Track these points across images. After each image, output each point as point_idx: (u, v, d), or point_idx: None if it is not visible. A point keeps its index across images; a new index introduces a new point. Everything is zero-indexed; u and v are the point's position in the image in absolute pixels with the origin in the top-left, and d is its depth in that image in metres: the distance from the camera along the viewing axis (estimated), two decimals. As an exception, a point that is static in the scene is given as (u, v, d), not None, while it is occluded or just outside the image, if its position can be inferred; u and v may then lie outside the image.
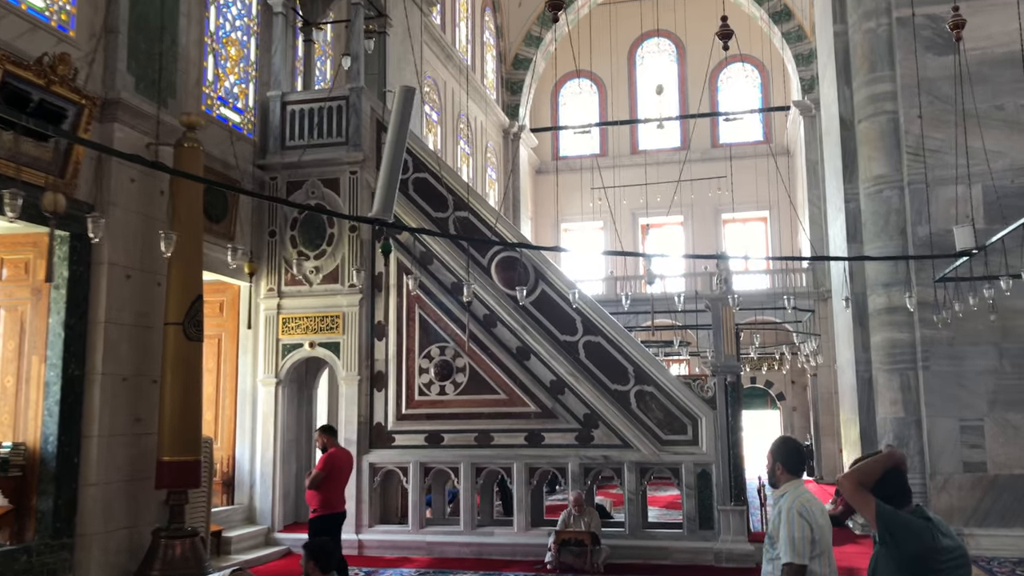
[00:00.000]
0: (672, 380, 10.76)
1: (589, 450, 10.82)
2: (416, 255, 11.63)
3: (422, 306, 11.51)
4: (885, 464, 3.34)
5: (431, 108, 20.34)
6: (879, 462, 3.37)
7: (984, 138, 12.09)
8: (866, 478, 3.29)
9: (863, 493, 3.25)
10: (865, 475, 3.30)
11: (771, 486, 4.50)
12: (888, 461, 3.36)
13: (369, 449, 11.42)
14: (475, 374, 11.26)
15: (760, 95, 29.66)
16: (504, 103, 26.80)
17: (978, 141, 11.87)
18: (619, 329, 11.04)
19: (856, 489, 3.27)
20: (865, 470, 3.34)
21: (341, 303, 11.65)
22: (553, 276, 11.25)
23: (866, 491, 3.26)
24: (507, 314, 11.24)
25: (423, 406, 11.38)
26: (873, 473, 3.31)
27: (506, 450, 11.03)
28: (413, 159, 11.81)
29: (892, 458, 3.39)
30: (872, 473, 3.31)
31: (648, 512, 11.72)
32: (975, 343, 12.06)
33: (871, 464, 3.37)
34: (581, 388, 10.92)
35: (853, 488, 3.28)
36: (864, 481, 3.28)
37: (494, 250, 11.32)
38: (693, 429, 10.62)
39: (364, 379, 11.52)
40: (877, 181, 13.06)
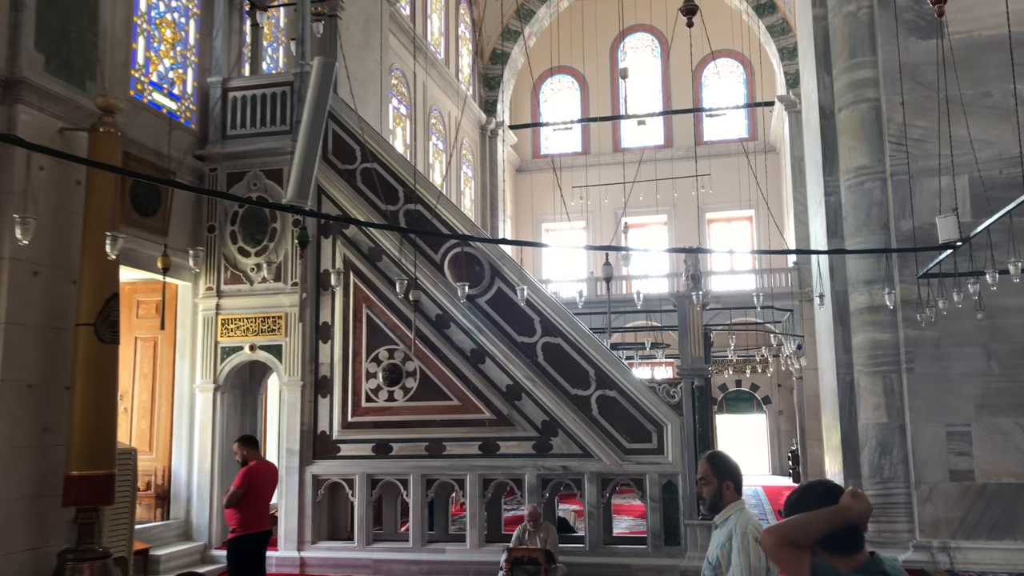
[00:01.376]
0: (636, 384, 10.00)
1: (547, 460, 10.06)
2: (364, 251, 10.85)
3: (370, 306, 10.74)
4: (834, 521, 2.28)
5: (399, 101, 19.58)
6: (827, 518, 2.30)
7: (971, 126, 11.36)
8: (801, 537, 2.33)
9: (791, 552, 2.32)
10: (799, 533, 2.35)
11: (711, 510, 3.79)
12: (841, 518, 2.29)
13: (313, 460, 10.64)
14: (426, 379, 10.49)
15: (745, 91, 28.98)
16: (481, 99, 26.05)
17: (964, 129, 11.16)
18: (580, 330, 10.28)
19: (781, 548, 2.34)
20: (800, 527, 2.30)
21: (284, 303, 10.87)
22: (510, 273, 10.48)
23: (797, 549, 2.31)
24: (461, 314, 10.48)
25: (370, 413, 10.61)
26: (812, 532, 2.32)
27: (459, 460, 10.26)
28: (362, 149, 11.04)
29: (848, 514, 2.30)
30: (810, 532, 2.31)
31: (614, 525, 10.97)
32: (962, 343, 11.31)
33: (813, 520, 2.30)
34: (539, 393, 10.16)
35: (777, 546, 2.34)
36: (797, 540, 2.34)
37: (447, 245, 10.55)
38: (658, 437, 9.87)
39: (308, 384, 10.74)
40: (858, 172, 12.32)
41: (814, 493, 2.51)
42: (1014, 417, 10.96)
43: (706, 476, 3.72)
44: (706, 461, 3.80)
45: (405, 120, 19.84)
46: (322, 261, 10.96)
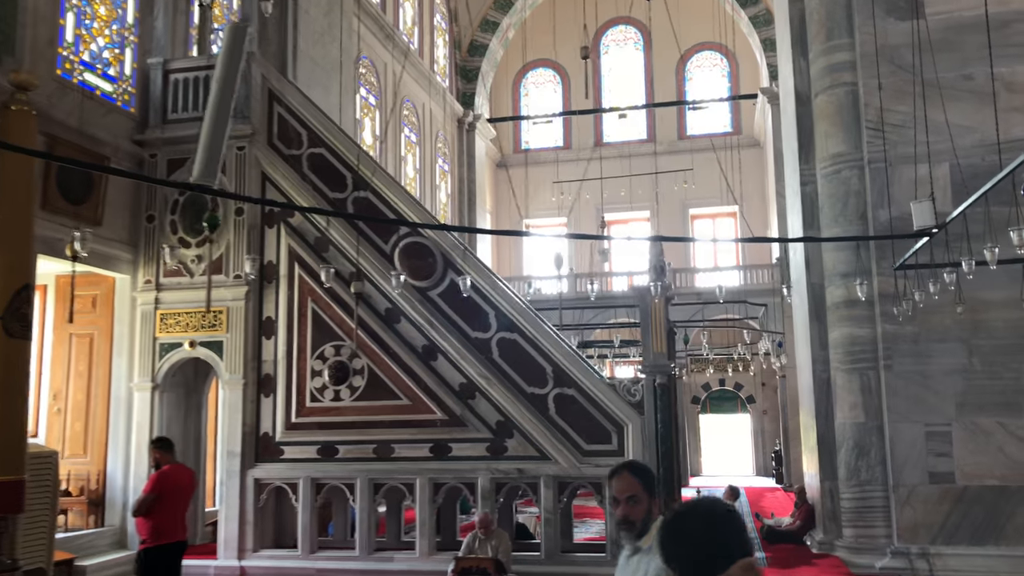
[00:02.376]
0: (595, 382, 9.42)
1: (502, 462, 9.46)
2: (310, 241, 10.25)
3: (316, 300, 10.13)
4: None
5: (367, 91, 18.96)
6: None
7: (951, 111, 10.84)
8: None
9: None
10: None
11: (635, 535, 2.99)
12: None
13: (255, 463, 10.02)
14: (375, 377, 9.89)
15: (729, 84, 28.43)
16: (458, 91, 25.44)
17: (944, 114, 10.62)
18: (538, 324, 9.69)
19: None
20: None
21: (225, 296, 10.26)
22: (464, 264, 9.89)
23: None
24: (412, 308, 9.88)
25: (316, 414, 10.00)
26: None
27: (408, 463, 9.66)
28: (308, 132, 10.44)
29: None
30: None
31: (582, 530, 10.38)
32: (942, 339, 10.76)
33: None
34: (494, 392, 9.57)
35: None
36: None
37: (398, 235, 9.95)
38: (619, 437, 9.29)
39: (250, 383, 10.13)
40: (835, 160, 11.77)
41: (694, 518, 1.95)
42: (996, 416, 10.41)
43: (636, 493, 2.93)
44: (632, 475, 2.99)
45: (375, 111, 19.22)
46: (266, 252, 10.35)
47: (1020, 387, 10.33)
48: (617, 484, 3.01)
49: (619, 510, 3.01)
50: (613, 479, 3.08)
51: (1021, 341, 10.40)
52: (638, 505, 2.96)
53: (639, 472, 3.07)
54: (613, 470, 3.07)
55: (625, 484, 2.98)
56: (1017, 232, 6.12)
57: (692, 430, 26.98)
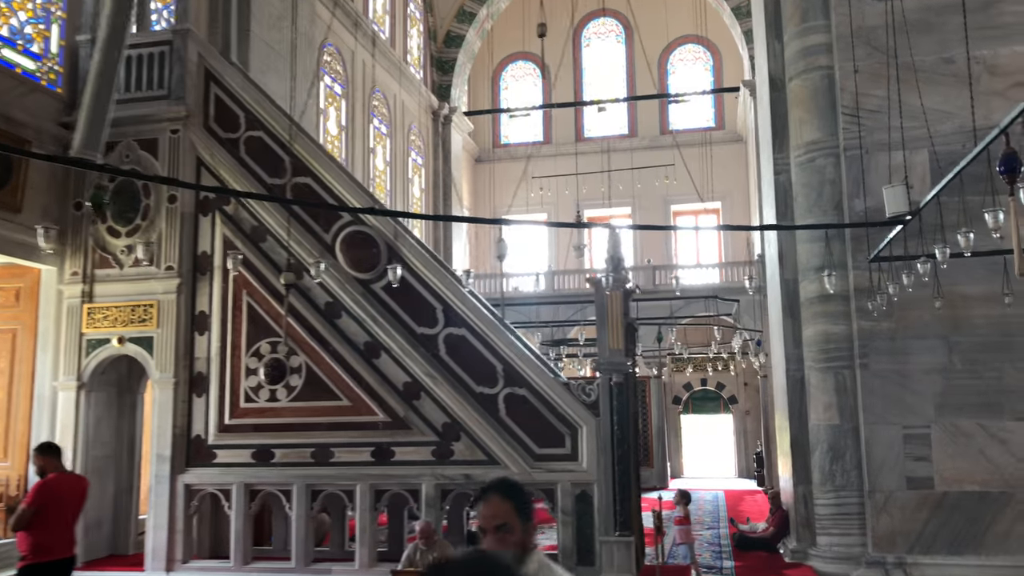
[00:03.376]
0: (548, 381, 8.78)
1: (448, 467, 8.82)
2: (247, 230, 9.59)
3: (251, 293, 9.47)
4: None
5: (333, 79, 18.28)
6: None
7: (931, 96, 10.26)
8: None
9: None
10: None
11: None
12: None
13: (186, 467, 9.36)
14: (313, 376, 9.24)
15: (712, 78, 27.84)
16: (433, 83, 24.77)
17: (924, 99, 10.02)
18: (487, 319, 9.06)
19: None
20: None
21: (156, 289, 9.59)
22: (410, 255, 9.24)
23: None
24: (354, 302, 9.23)
25: (250, 415, 9.34)
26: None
27: (348, 468, 9.01)
28: (246, 114, 9.78)
29: None
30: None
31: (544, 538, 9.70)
32: (921, 336, 10.18)
33: None
34: (440, 392, 8.93)
35: None
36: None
37: (339, 224, 9.30)
38: (572, 441, 8.66)
39: (181, 382, 9.47)
40: (809, 148, 11.18)
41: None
42: (977, 418, 9.83)
43: (508, 521, 2.32)
44: (502, 497, 2.38)
45: (340, 100, 18.55)
46: (199, 242, 9.69)
47: (1002, 387, 9.76)
48: (484, 510, 2.39)
49: (486, 542, 2.39)
50: (479, 503, 2.45)
51: (1003, 338, 9.83)
52: (509, 535, 2.36)
53: (511, 493, 2.44)
54: (480, 491, 2.45)
55: (493, 509, 2.37)
56: (992, 214, 5.52)
57: (673, 431, 26.39)
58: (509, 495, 2.43)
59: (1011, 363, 9.75)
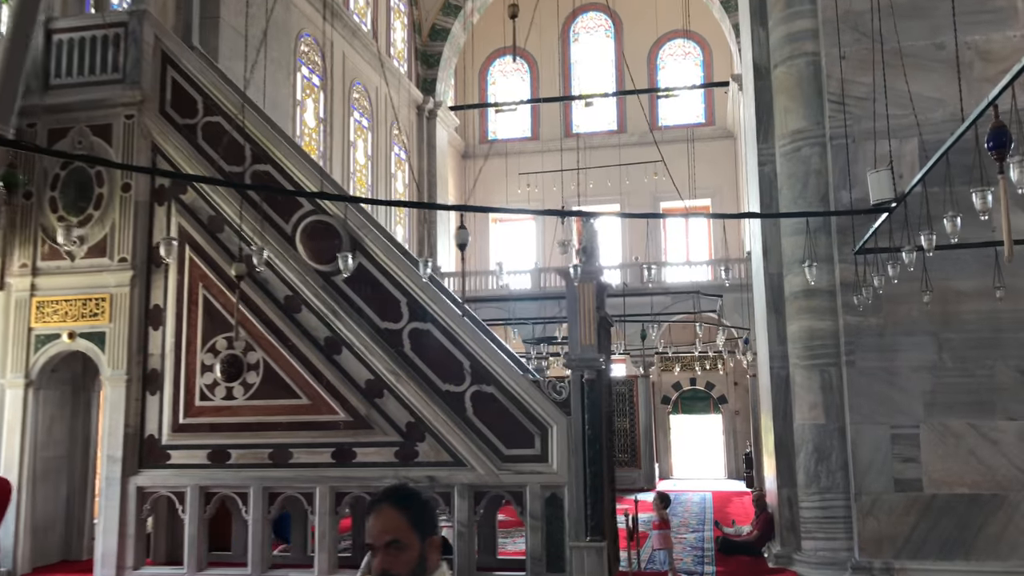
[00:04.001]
0: (517, 378, 8.35)
1: (412, 469, 8.38)
2: (203, 220, 9.14)
3: (208, 286, 9.02)
4: None
5: (311, 71, 17.83)
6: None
7: (920, 83, 9.87)
8: None
9: None
10: None
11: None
12: None
13: (138, 469, 8.91)
14: (271, 372, 8.79)
15: (703, 73, 27.44)
16: (418, 77, 24.32)
17: (914, 86, 9.63)
18: (454, 314, 8.62)
19: None
20: None
21: (108, 282, 9.14)
22: (374, 246, 8.80)
23: None
24: (314, 296, 8.79)
25: (206, 414, 8.89)
26: None
27: (307, 470, 8.57)
28: (204, 99, 9.33)
29: None
30: None
31: (503, 545, 9.32)
32: (909, 332, 9.76)
33: None
34: (404, 389, 8.49)
35: None
36: None
37: (300, 214, 8.86)
38: (542, 441, 8.23)
39: (134, 379, 9.02)
40: (795, 137, 10.77)
41: None
42: (968, 417, 9.42)
43: (401, 537, 1.93)
44: (395, 508, 1.98)
45: (319, 92, 18.09)
46: (155, 232, 9.24)
47: (994, 385, 9.35)
48: (372, 524, 1.99)
49: (377, 562, 1.98)
50: (369, 516, 2.04)
51: (995, 334, 9.43)
52: (403, 553, 1.96)
53: (406, 503, 2.03)
54: (370, 502, 2.04)
55: (383, 523, 1.97)
56: (980, 195, 5.10)
57: (662, 431, 25.98)
58: (404, 505, 2.02)
59: (1003, 360, 9.35)
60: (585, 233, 8.36)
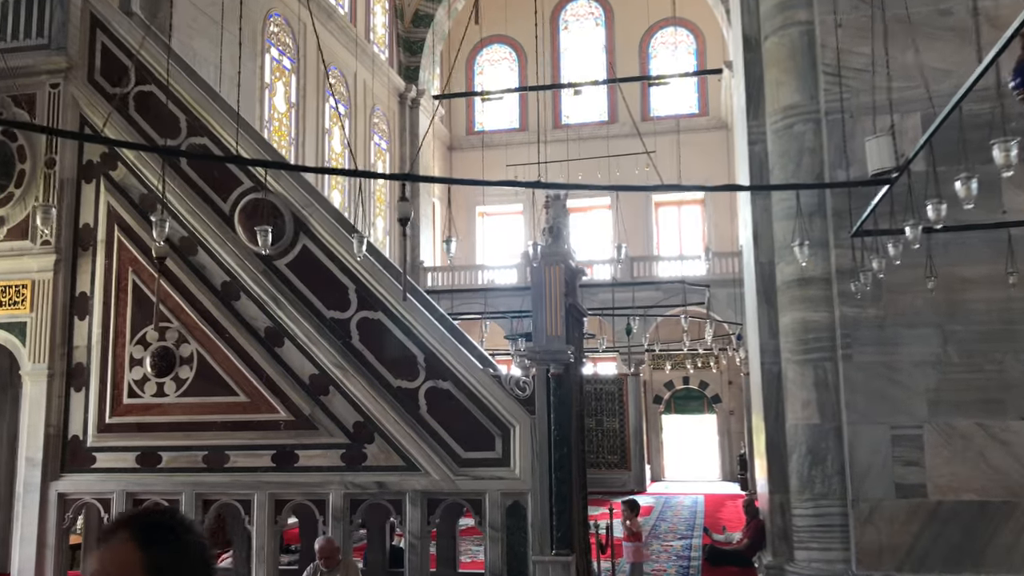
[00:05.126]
0: (475, 373, 7.51)
1: (360, 474, 7.54)
2: (135, 199, 8.30)
3: (138, 271, 8.17)
4: None
5: (281, 52, 16.98)
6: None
7: (925, 52, 9.07)
8: None
9: None
10: None
11: None
12: None
13: (61, 473, 8.06)
14: (206, 367, 7.94)
15: (696, 62, 26.62)
16: (400, 64, 23.48)
17: (915, 56, 8.84)
18: (407, 302, 7.78)
19: None
20: None
21: (31, 267, 8.30)
22: (320, 227, 7.96)
23: None
24: (254, 282, 7.95)
25: (135, 412, 8.04)
26: None
27: (245, 475, 7.72)
28: (137, 66, 8.49)
29: None
30: None
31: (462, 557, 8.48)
32: (911, 324, 8.94)
33: None
34: (352, 386, 7.65)
35: None
36: None
37: (239, 191, 8.02)
38: (504, 443, 7.39)
39: (57, 374, 8.17)
40: (787, 113, 9.94)
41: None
42: (976, 416, 8.60)
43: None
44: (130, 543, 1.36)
45: (290, 75, 17.25)
46: (82, 213, 8.40)
47: (1005, 381, 8.54)
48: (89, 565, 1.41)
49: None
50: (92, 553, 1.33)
51: (1006, 326, 8.61)
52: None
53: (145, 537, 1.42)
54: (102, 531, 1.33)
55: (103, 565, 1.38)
56: (1002, 147, 4.27)
57: (655, 432, 25.16)
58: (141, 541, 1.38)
59: (1014, 354, 8.53)
60: (552, 211, 7.52)
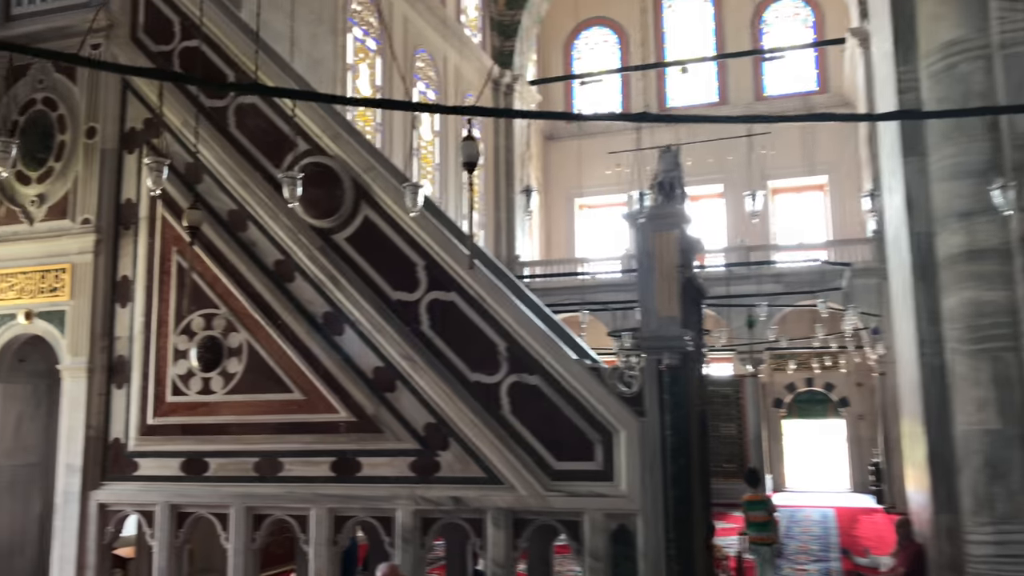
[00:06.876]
0: (569, 364, 6.13)
1: (432, 487, 6.28)
2: (179, 168, 7.29)
3: (182, 251, 7.16)
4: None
5: (365, 32, 16.05)
6: None
7: None
8: None
9: None
10: None
11: None
12: None
13: (101, 482, 7.12)
14: (257, 359, 6.85)
15: (814, 35, 24.46)
16: (494, 48, 22.32)
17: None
18: (486, 281, 6.48)
19: None
20: None
21: (70, 248, 7.43)
22: (383, 194, 6.75)
23: None
24: (310, 259, 6.81)
25: (179, 412, 7.03)
26: None
27: (301, 486, 6.58)
28: (182, 20, 7.52)
29: None
30: None
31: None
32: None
33: None
34: (422, 380, 6.40)
35: None
36: None
37: (293, 156, 6.89)
38: (605, 451, 5.98)
39: (98, 369, 7.26)
40: (947, 51, 8.18)
41: None
42: None
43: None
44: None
45: (375, 57, 16.31)
46: (124, 186, 7.47)
47: None
48: None
49: None
50: None
51: None
52: None
53: None
54: None
55: None
56: None
57: (775, 438, 23.13)
58: None
59: None
60: (663, 163, 6.07)
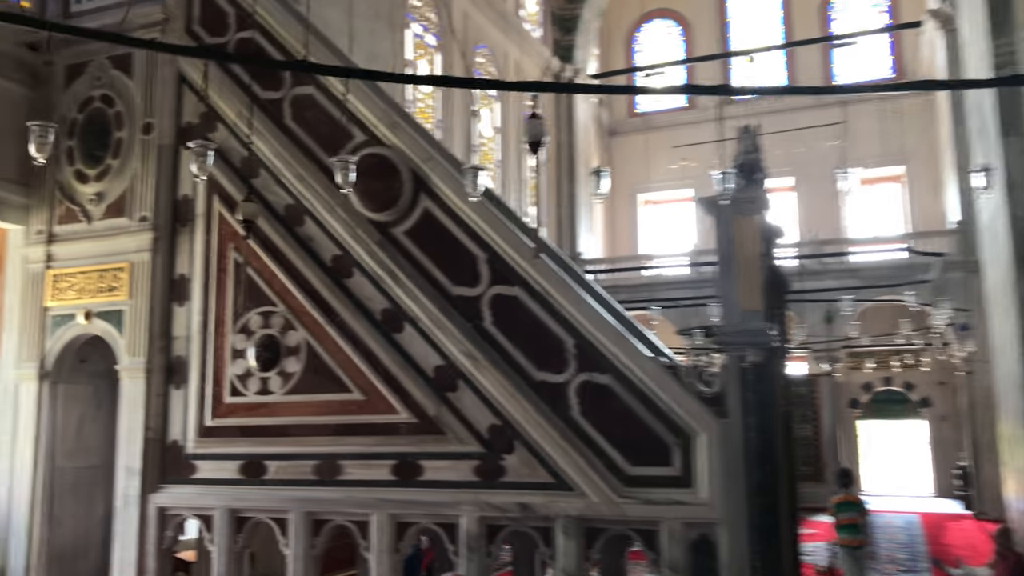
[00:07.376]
0: (643, 362, 5.72)
1: (497, 492, 5.94)
2: (235, 164, 7.10)
3: (239, 247, 6.96)
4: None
5: (424, 28, 15.82)
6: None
7: None
8: None
9: None
10: None
11: None
12: None
13: (159, 485, 6.97)
14: (315, 358, 6.62)
15: (889, 19, 23.44)
16: (555, 43, 21.91)
17: None
18: (552, 274, 6.10)
19: None
20: None
21: (128, 247, 7.32)
22: (443, 186, 6.44)
23: None
24: (368, 254, 6.54)
25: (238, 413, 6.84)
26: None
27: (361, 490, 6.31)
28: (237, 10, 7.33)
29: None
30: None
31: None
32: None
33: None
34: (485, 380, 6.08)
35: None
36: None
37: (350, 147, 6.62)
38: (683, 455, 5.55)
39: (156, 369, 7.13)
40: (1052, 19, 7.50)
41: None
42: None
43: None
44: None
45: (434, 54, 16.07)
46: (180, 183, 7.32)
47: None
48: None
49: None
50: None
51: None
52: None
53: None
54: None
55: None
56: None
57: (849, 439, 22.20)
58: None
59: None
60: (743, 144, 5.62)
